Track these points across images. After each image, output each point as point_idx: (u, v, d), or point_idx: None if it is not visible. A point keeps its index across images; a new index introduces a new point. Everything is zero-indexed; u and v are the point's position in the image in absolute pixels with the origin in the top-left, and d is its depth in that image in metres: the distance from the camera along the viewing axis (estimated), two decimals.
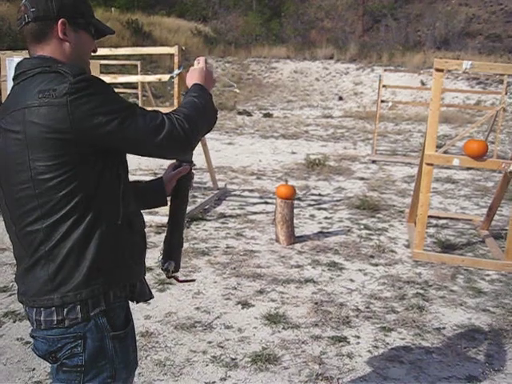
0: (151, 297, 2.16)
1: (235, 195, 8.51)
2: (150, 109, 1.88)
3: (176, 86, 6.58)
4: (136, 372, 3.46)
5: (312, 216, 7.42)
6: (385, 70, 13.35)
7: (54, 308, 1.82)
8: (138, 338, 3.88)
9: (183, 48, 6.84)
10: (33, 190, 1.75)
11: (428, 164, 5.72)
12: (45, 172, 1.71)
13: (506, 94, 11.62)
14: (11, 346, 3.86)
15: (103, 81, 1.80)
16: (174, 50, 6.63)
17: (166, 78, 7.24)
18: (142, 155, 1.92)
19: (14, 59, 6.81)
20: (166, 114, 1.85)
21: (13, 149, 1.76)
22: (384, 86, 12.23)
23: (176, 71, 6.39)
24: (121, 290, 1.92)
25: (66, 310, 1.81)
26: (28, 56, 1.89)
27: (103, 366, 1.87)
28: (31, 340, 1.91)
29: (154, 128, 1.79)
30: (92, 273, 1.81)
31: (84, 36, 1.92)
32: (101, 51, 6.73)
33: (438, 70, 5.59)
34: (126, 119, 1.74)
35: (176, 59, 6.60)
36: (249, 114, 20.01)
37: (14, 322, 4.21)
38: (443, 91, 20.19)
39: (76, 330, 1.82)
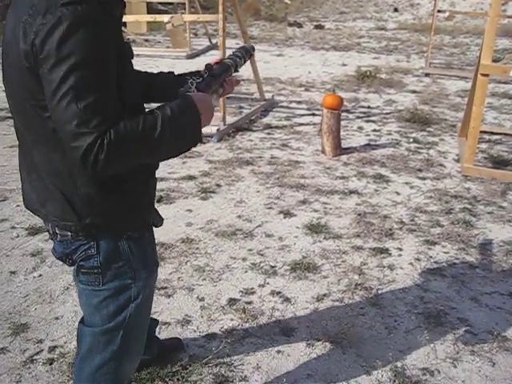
0: (160, 224, 2.07)
1: (282, 106, 8.34)
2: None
3: None
4: (176, 276, 3.53)
5: (360, 128, 7.23)
6: None
7: (46, 221, 1.83)
8: (178, 244, 3.95)
9: None
10: (20, 103, 1.68)
11: (483, 75, 5.43)
12: (25, 90, 1.62)
13: None
14: None
15: (105, 13, 1.55)
16: None
17: None
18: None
19: None
20: (106, 123, 1.49)
21: (6, 63, 1.69)
22: None
23: None
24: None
25: (54, 227, 1.81)
26: None
27: (121, 267, 1.86)
28: None
29: (75, 130, 1.47)
30: (66, 208, 1.72)
31: None
32: None
33: None
34: (69, 85, 1.46)
35: None
36: (299, 26, 19.40)
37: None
38: (506, 0, 19.12)
39: (84, 235, 1.79)
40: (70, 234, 1.78)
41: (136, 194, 1.83)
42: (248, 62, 2.23)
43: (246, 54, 2.19)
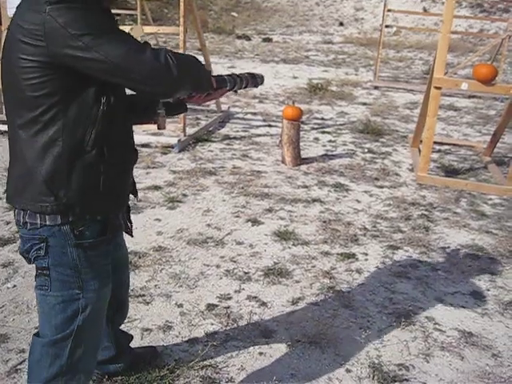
0: (126, 231, 2.14)
1: (238, 118, 8.48)
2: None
3: (182, 4, 6.43)
4: (152, 284, 3.59)
5: (316, 139, 7.43)
6: None
7: (20, 210, 1.87)
8: (151, 252, 4.01)
9: None
10: (10, 86, 1.78)
11: (436, 87, 5.70)
12: (18, 73, 1.71)
13: None
14: None
15: (97, 2, 1.74)
16: None
17: None
18: (115, 81, 1.78)
19: None
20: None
21: (6, 45, 1.78)
22: (389, 10, 11.99)
23: None
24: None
25: (27, 214, 1.85)
26: None
27: (69, 274, 1.89)
28: None
29: (135, 49, 1.70)
30: (44, 189, 1.79)
31: None
32: None
33: None
34: (101, 37, 1.65)
35: None
36: (248, 39, 19.67)
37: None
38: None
39: (41, 233, 1.85)
40: (38, 222, 1.83)
41: (112, 180, 1.90)
42: None
43: (252, 80, 2.18)
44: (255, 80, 2.21)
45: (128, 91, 1.92)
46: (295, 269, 3.92)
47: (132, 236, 2.15)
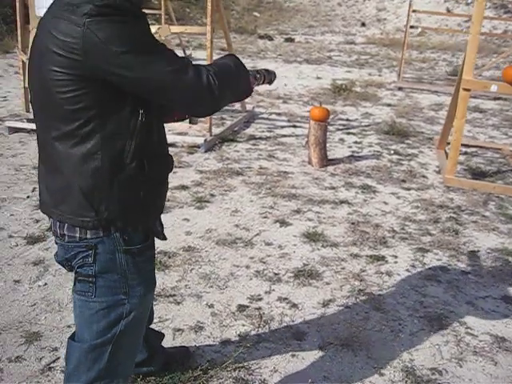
0: (164, 238, 2.10)
1: (263, 118, 8.48)
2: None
3: (209, 5, 6.44)
4: (182, 284, 3.61)
5: (341, 140, 7.41)
6: None
7: (57, 221, 1.84)
8: (180, 252, 4.02)
9: None
10: (44, 98, 1.73)
11: (465, 89, 5.66)
12: (53, 85, 1.65)
13: None
14: None
15: (138, 12, 1.68)
16: None
17: None
18: (156, 101, 1.77)
19: None
20: (195, 64, 1.74)
21: (35, 55, 1.73)
22: (414, 11, 11.91)
23: None
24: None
25: (65, 226, 1.82)
26: None
27: (115, 280, 1.87)
28: None
29: (177, 70, 1.66)
30: (84, 204, 1.76)
31: None
32: None
33: None
34: (144, 55, 1.61)
35: None
36: (270, 39, 19.65)
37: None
38: (469, 18, 19.64)
39: (88, 240, 1.81)
40: (78, 235, 1.80)
41: (152, 191, 1.88)
42: None
43: (267, 75, 2.18)
44: (270, 76, 2.21)
45: None
46: (325, 271, 3.92)
47: (165, 239, 2.14)
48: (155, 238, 2.04)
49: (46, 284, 3.64)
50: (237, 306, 3.43)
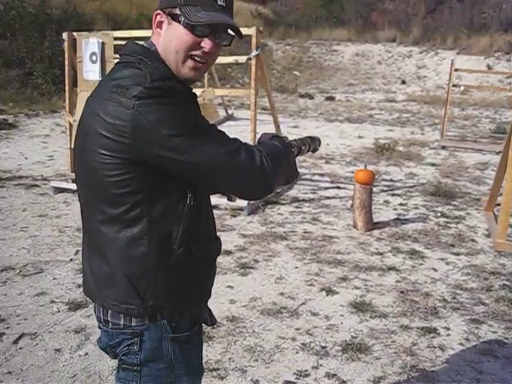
0: (212, 323, 1.99)
1: (306, 179, 8.43)
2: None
3: (253, 68, 6.52)
4: (226, 357, 3.50)
5: (386, 202, 7.30)
6: (458, 53, 12.95)
7: (100, 307, 1.77)
8: (224, 322, 3.92)
9: (260, 29, 6.77)
10: (89, 180, 1.68)
11: None
12: (99, 168, 1.61)
13: None
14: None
15: (188, 93, 1.65)
16: (251, 31, 6.58)
17: (242, 59, 7.16)
18: (206, 186, 1.72)
19: (90, 40, 6.90)
20: (246, 144, 1.70)
21: (81, 135, 1.70)
22: (456, 69, 11.87)
23: (254, 52, 6.41)
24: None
25: (109, 312, 1.75)
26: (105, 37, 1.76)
27: (161, 369, 1.77)
28: None
29: (230, 151, 1.61)
30: (129, 291, 1.69)
31: (175, 27, 1.66)
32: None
33: None
34: (195, 138, 1.56)
35: (254, 40, 6.54)
36: (311, 97, 19.83)
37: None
38: (510, 75, 19.53)
39: (134, 327, 1.73)
40: (122, 323, 1.73)
41: (199, 276, 1.81)
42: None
43: (312, 143, 2.12)
44: (314, 144, 2.14)
45: None
46: (374, 344, 3.76)
47: (215, 323, 2.05)
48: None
49: (86, 354, 3.59)
50: (283, 382, 3.30)
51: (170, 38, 1.66)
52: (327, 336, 3.85)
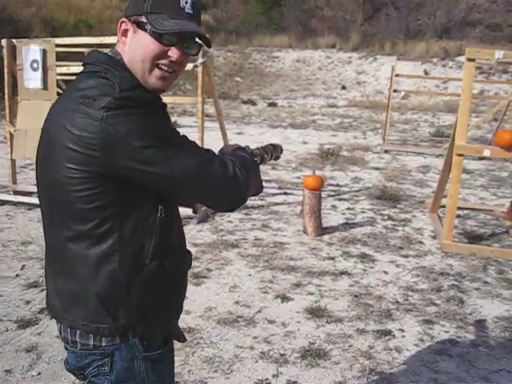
0: (184, 339, 1.96)
1: None
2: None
3: (200, 75, 6.49)
4: (186, 370, 3.45)
5: (334, 207, 7.38)
6: (398, 59, 13.25)
7: (68, 327, 1.69)
8: None
9: (207, 36, 6.72)
10: (55, 196, 1.60)
11: (459, 155, 5.67)
12: (65, 183, 1.53)
13: None
14: (51, 343, 3.77)
15: (157, 102, 1.58)
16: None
17: (189, 66, 7.09)
18: (180, 196, 1.71)
19: (30, 47, 6.73)
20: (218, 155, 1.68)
21: (45, 148, 1.63)
22: (397, 75, 12.14)
23: (201, 60, 6.36)
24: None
25: (77, 333, 1.67)
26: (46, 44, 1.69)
27: None
28: None
29: (203, 162, 1.56)
30: (100, 309, 1.62)
31: (140, 36, 1.60)
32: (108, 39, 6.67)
33: (469, 59, 5.53)
34: (167, 149, 1.51)
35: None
36: (253, 104, 19.93)
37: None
38: (446, 79, 20.13)
39: (104, 347, 1.66)
40: (91, 343, 1.66)
41: (172, 290, 1.77)
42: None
43: (274, 151, 2.10)
44: (277, 151, 2.12)
45: None
46: (332, 349, 3.78)
47: (185, 340, 2.01)
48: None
49: (39, 373, 3.46)
50: None
51: (135, 47, 1.61)
52: (285, 343, 3.84)
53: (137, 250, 1.61)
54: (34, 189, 7.30)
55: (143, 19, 1.58)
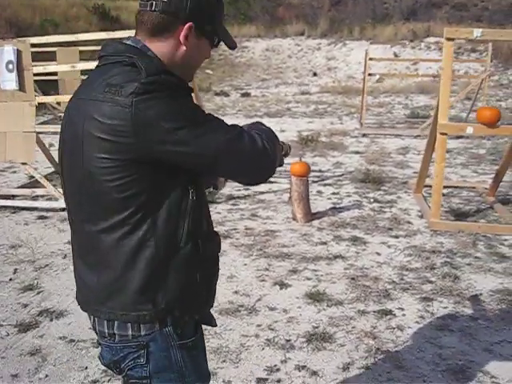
0: (214, 324, 1.99)
1: None
2: None
3: None
4: None
5: (319, 192, 7.41)
6: (371, 44, 13.31)
7: (104, 320, 1.70)
8: None
9: None
10: (87, 188, 1.61)
11: (442, 133, 5.74)
12: (98, 173, 1.55)
13: (492, 61, 11.69)
14: (55, 345, 3.74)
15: (183, 85, 1.61)
16: None
17: None
18: (214, 174, 1.76)
19: (4, 48, 6.62)
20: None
21: (72, 141, 1.63)
22: (371, 58, 12.19)
23: None
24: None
25: (115, 324, 1.68)
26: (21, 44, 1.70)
27: (172, 379, 1.73)
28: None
29: (233, 138, 1.61)
30: (140, 297, 1.63)
31: (204, 44, 1.71)
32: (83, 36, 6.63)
33: (448, 39, 5.59)
34: (197, 128, 1.54)
35: None
36: (226, 95, 19.83)
37: (51, 320, 4.09)
38: (417, 61, 20.31)
39: (141, 338, 1.68)
40: (130, 333, 1.67)
41: (207, 273, 1.78)
42: None
43: (284, 147, 2.10)
44: (286, 148, 2.14)
45: None
46: (336, 331, 3.82)
47: (216, 325, 2.04)
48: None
49: (47, 376, 3.44)
50: (256, 379, 3.30)
51: (195, 54, 1.70)
52: (289, 329, 3.87)
53: (171, 233, 1.63)
54: (17, 192, 7.23)
55: (209, 28, 1.70)
